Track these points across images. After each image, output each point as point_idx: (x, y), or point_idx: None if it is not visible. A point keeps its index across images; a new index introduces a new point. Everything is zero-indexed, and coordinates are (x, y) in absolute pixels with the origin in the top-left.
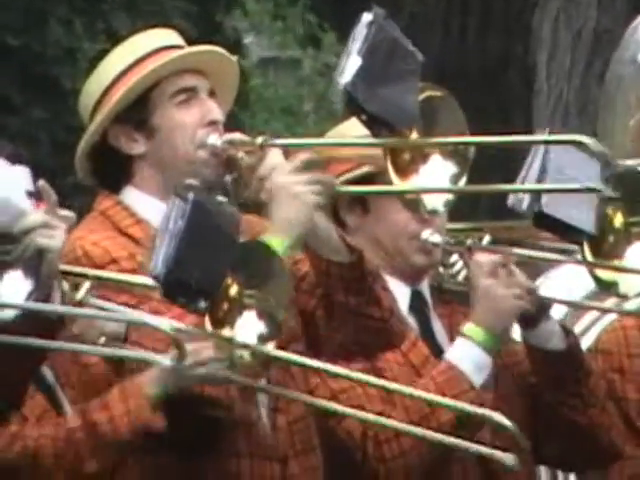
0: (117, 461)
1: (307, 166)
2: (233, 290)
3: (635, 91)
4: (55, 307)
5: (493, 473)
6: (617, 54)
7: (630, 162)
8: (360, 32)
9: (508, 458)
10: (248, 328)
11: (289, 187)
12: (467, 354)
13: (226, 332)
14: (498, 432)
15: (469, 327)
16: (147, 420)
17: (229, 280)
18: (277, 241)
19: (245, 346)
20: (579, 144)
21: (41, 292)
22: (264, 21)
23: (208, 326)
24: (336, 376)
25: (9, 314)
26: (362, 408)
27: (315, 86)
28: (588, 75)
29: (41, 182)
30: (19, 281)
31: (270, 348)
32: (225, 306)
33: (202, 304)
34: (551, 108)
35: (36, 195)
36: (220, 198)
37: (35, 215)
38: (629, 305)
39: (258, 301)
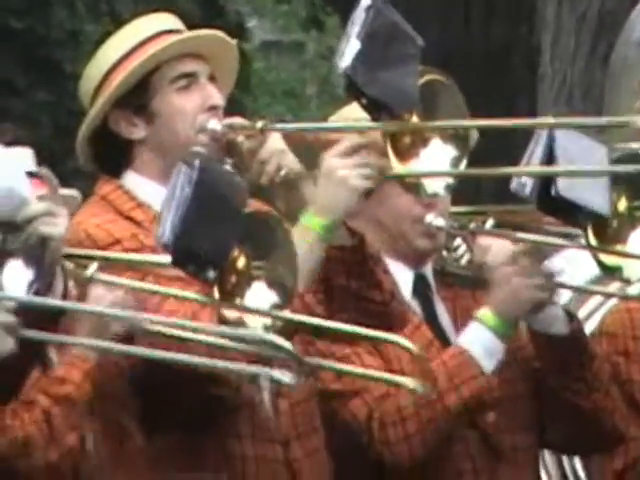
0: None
1: (357, 149)
2: (240, 262)
3: None
4: (59, 302)
5: (497, 453)
6: (622, 36)
7: (634, 145)
8: (359, 16)
9: (412, 382)
10: (259, 298)
11: (335, 170)
12: (479, 339)
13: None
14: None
15: (484, 312)
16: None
17: (236, 252)
18: (316, 221)
19: (262, 312)
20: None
21: (43, 280)
22: (267, 4)
23: (216, 296)
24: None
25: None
26: (367, 390)
27: (318, 69)
28: (592, 58)
29: (43, 169)
30: (21, 270)
31: (286, 313)
32: (233, 278)
33: (211, 274)
34: (555, 91)
35: (36, 176)
36: (227, 167)
37: (38, 203)
38: (632, 289)
39: (266, 271)
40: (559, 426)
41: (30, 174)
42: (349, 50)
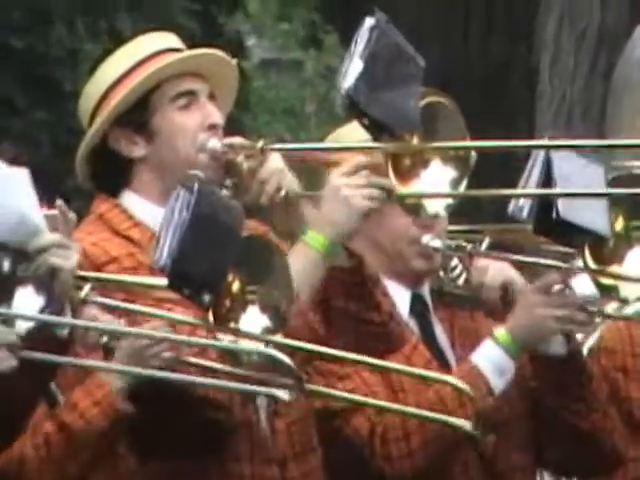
0: (97, 460)
1: (362, 169)
2: (235, 286)
3: None
4: (67, 319)
5: (496, 473)
6: (624, 55)
7: (634, 164)
8: (362, 36)
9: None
10: (253, 323)
11: (340, 189)
12: (492, 358)
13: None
14: None
15: (500, 332)
16: (116, 405)
17: (231, 276)
18: (319, 239)
19: (255, 337)
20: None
21: (52, 311)
22: (266, 23)
23: (211, 320)
24: (353, 362)
25: (20, 329)
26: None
27: (317, 88)
28: (592, 76)
29: (59, 202)
30: (31, 298)
31: (278, 338)
32: (228, 302)
33: (207, 298)
34: (554, 110)
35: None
36: (224, 192)
37: (50, 235)
38: (629, 309)
39: (261, 296)
40: (557, 447)
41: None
42: (352, 70)
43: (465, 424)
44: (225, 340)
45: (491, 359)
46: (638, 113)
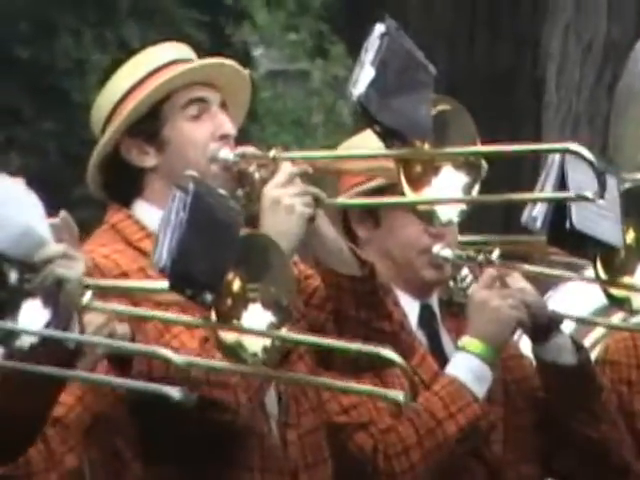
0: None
1: (295, 178)
2: (236, 285)
3: None
4: (71, 335)
5: None
6: (628, 66)
7: (637, 176)
8: (373, 43)
9: (398, 395)
10: (256, 320)
11: (280, 199)
12: (467, 367)
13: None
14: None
15: (466, 340)
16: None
17: (231, 275)
18: None
19: (259, 332)
20: (570, 152)
21: (59, 322)
22: (273, 33)
23: (214, 319)
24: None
25: (25, 343)
26: (372, 422)
27: (324, 98)
28: (598, 87)
29: (62, 213)
30: (38, 311)
31: (284, 332)
32: (229, 301)
33: (208, 297)
34: (560, 121)
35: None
36: (221, 191)
37: (55, 245)
38: (634, 320)
39: (262, 293)
40: (565, 457)
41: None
42: (363, 77)
43: (398, 395)
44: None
45: (468, 368)
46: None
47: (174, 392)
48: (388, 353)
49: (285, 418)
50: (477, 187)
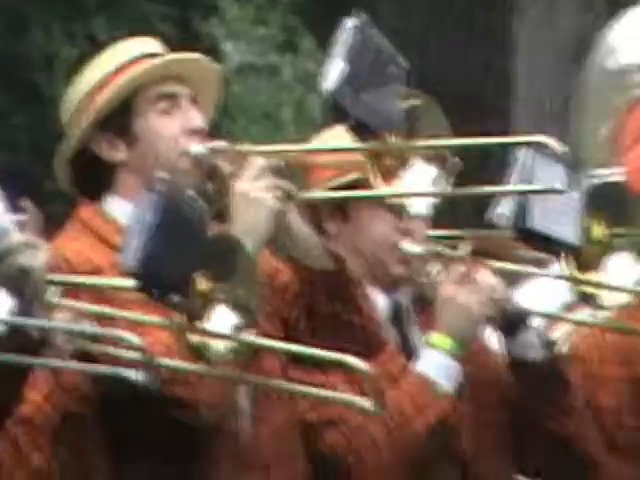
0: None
1: (265, 172)
2: (203, 286)
3: (606, 99)
4: (36, 321)
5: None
6: (589, 61)
7: (601, 171)
8: (343, 37)
9: (367, 404)
10: (222, 321)
11: (249, 193)
12: (436, 363)
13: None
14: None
15: (435, 336)
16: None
17: (198, 276)
18: None
19: (225, 336)
20: (542, 146)
21: (23, 312)
22: (242, 27)
23: (180, 321)
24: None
25: None
26: (342, 420)
27: (294, 93)
28: (567, 81)
29: (25, 203)
30: (3, 300)
31: (249, 336)
32: (196, 302)
33: (175, 298)
34: (530, 115)
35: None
36: (190, 192)
37: (18, 235)
38: (601, 316)
39: (229, 294)
40: (535, 452)
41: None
42: (334, 72)
43: (366, 403)
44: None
45: (436, 364)
46: (602, 119)
47: (136, 374)
48: (355, 362)
49: (256, 412)
50: (449, 181)
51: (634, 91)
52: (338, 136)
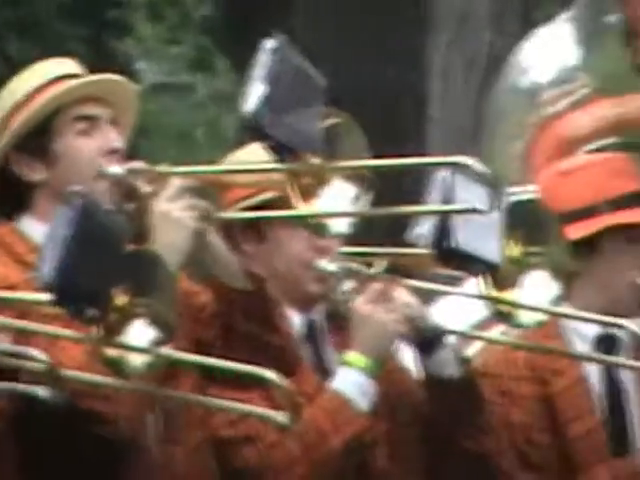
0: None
1: (184, 193)
2: (121, 300)
3: (518, 117)
4: None
5: None
6: (499, 81)
7: (515, 190)
8: (262, 59)
9: (281, 417)
10: (140, 336)
11: (168, 213)
12: (351, 381)
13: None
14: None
15: (351, 355)
16: None
17: (116, 290)
18: None
19: (142, 350)
20: (462, 166)
21: None
22: (155, 46)
23: (97, 335)
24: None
25: None
26: (258, 437)
27: (208, 112)
28: (481, 103)
29: None
30: None
31: (165, 350)
32: (114, 317)
33: (92, 312)
34: (445, 136)
35: None
36: (107, 206)
37: None
38: (516, 334)
39: (147, 308)
40: (450, 469)
41: None
42: (253, 93)
43: (281, 417)
44: None
45: (352, 382)
46: (514, 138)
47: (42, 391)
48: (270, 375)
49: (168, 434)
50: (366, 199)
51: (546, 109)
52: (254, 154)
